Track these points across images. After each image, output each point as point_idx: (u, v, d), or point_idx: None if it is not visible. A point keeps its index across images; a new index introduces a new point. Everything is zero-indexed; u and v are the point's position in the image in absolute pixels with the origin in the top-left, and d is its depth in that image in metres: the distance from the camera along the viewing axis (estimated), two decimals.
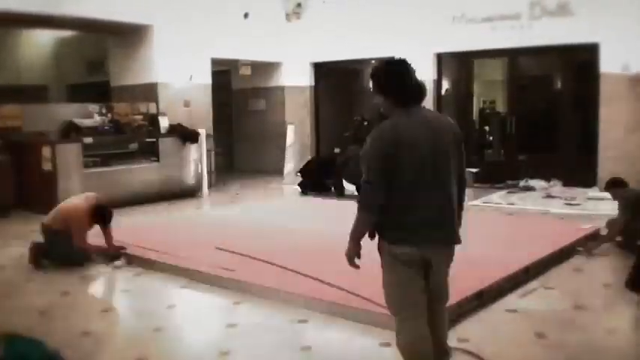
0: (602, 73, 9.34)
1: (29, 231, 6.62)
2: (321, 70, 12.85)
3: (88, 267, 5.71)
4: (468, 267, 5.15)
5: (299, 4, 12.20)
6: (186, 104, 10.90)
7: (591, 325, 4.11)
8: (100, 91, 11.43)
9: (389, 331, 3.87)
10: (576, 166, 9.91)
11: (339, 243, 5.87)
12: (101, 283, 5.42)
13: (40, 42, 13.57)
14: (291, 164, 11.43)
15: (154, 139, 9.53)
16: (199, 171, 10.14)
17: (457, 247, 3.00)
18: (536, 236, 6.43)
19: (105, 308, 4.64)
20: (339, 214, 7.95)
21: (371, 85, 2.91)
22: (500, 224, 7.10)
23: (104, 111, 9.47)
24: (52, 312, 4.56)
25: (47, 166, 8.31)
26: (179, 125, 10.10)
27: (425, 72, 11.02)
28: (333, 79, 13.00)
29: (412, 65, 2.85)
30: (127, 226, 7.25)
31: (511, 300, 4.56)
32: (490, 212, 7.98)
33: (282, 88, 12.85)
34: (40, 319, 4.41)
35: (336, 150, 11.51)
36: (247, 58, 12.09)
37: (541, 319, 4.18)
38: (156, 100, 10.38)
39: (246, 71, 12.27)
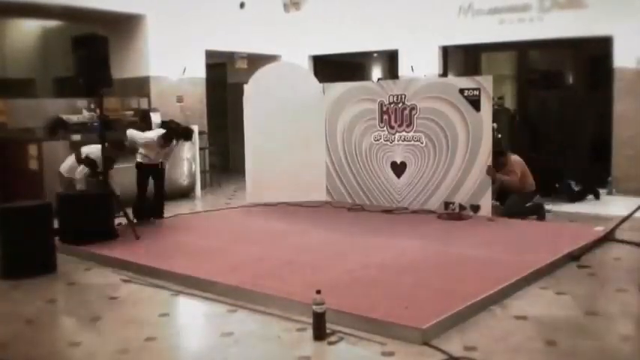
0: (616, 68, 9.33)
1: None
2: (321, 63, 12.82)
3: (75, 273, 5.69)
4: (476, 270, 5.17)
5: None
6: (179, 99, 10.89)
7: (605, 332, 4.11)
8: None
9: (391, 340, 3.89)
10: (589, 165, 9.90)
11: (335, 248, 5.85)
12: (89, 291, 5.40)
13: (26, 33, 13.51)
14: None
15: None
16: (193, 170, 10.13)
17: (463, 250, 2.99)
18: (547, 239, 6.43)
19: (93, 317, 4.62)
20: (336, 217, 7.98)
21: None
22: (508, 227, 7.09)
23: (93, 106, 9.45)
24: (38, 321, 4.55)
25: (33, 165, 8.28)
26: (172, 122, 10.05)
27: (430, 66, 11.02)
28: (334, 73, 12.97)
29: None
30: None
31: (520, 306, 4.55)
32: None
33: None
34: (26, 329, 4.39)
35: None
36: (243, 51, 12.07)
37: (552, 326, 4.17)
38: (148, 95, 10.37)
39: (242, 64, 12.24)
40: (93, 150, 7.19)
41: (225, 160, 13.62)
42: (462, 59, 11.61)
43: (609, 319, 4.37)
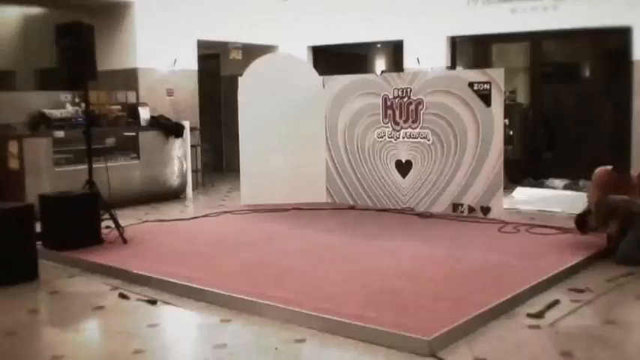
0: (636, 60, 9.34)
1: None
2: (321, 55, 12.83)
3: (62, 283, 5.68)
4: (487, 278, 5.17)
5: None
6: (170, 93, 10.90)
7: (625, 342, 4.12)
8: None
9: (396, 351, 3.89)
10: (607, 164, 9.87)
11: (337, 252, 5.84)
12: (73, 300, 5.39)
13: (5, 20, 13.51)
14: None
15: (134, 133, 9.51)
16: (184, 170, 10.13)
17: (473, 255, 2.99)
18: (560, 243, 6.42)
19: (77, 328, 4.62)
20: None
21: None
22: (520, 230, 7.09)
23: (77, 100, 9.45)
24: (18, 332, 4.53)
25: (14, 164, 8.26)
26: (162, 117, 10.09)
27: (437, 58, 11.02)
28: (335, 65, 12.98)
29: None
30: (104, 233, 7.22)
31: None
32: (510, 217, 7.96)
33: None
34: (5, 341, 4.38)
35: None
36: (238, 41, 12.07)
37: (568, 336, 4.18)
38: (136, 89, 10.37)
39: (237, 55, 12.25)
40: None
41: (219, 158, 13.63)
42: (472, 51, 11.60)
43: (629, 329, 4.38)
